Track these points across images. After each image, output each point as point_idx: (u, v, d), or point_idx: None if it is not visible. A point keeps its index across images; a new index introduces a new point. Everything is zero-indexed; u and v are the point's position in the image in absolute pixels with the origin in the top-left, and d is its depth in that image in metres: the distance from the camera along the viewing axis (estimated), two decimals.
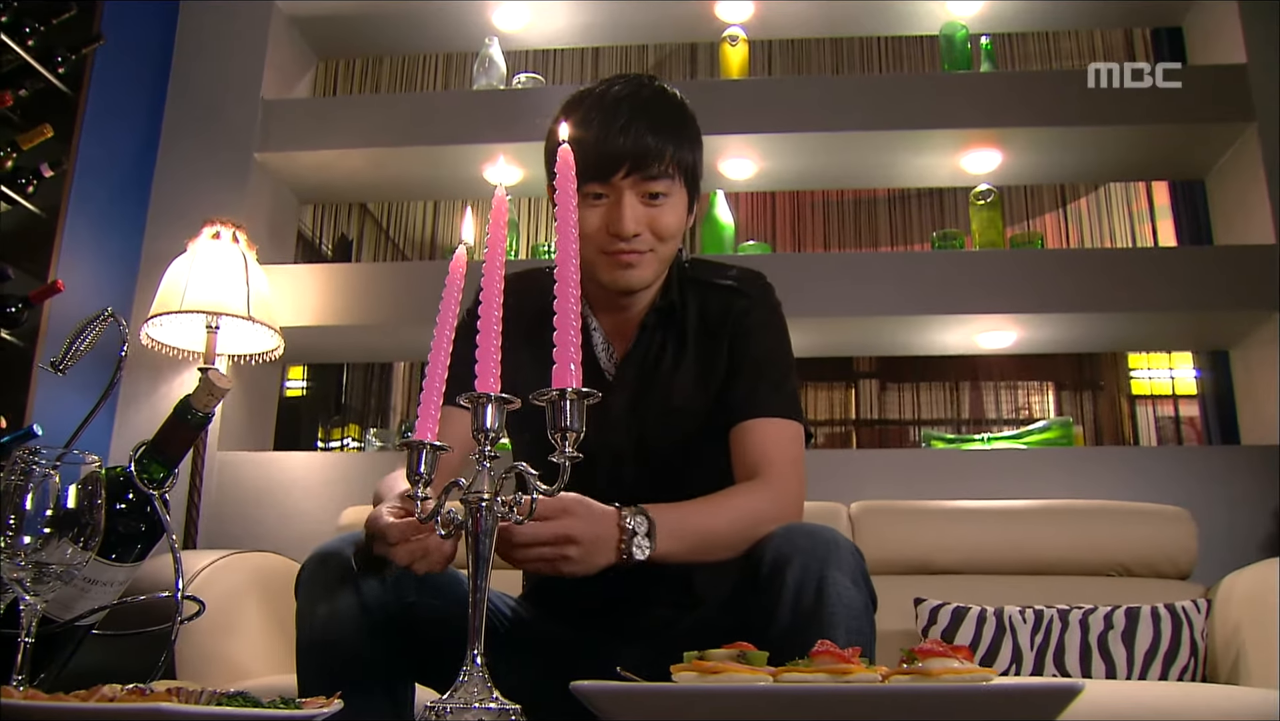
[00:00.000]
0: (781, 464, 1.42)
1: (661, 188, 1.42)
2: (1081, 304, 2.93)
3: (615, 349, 1.55)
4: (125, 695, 0.66)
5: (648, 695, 0.65)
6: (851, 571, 1.18)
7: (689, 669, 0.64)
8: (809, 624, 1.13)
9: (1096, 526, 2.44)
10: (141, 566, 1.13)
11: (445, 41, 3.68)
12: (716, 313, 1.53)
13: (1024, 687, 0.58)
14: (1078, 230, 4.75)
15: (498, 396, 0.92)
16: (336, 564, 1.23)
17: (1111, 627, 2.11)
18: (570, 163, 0.94)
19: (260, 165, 3.25)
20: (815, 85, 3.46)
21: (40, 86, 2.68)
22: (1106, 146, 3.13)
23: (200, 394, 1.08)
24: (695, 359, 1.51)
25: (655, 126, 1.42)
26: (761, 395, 1.46)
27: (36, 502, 0.81)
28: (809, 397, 6.02)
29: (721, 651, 0.70)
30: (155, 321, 2.71)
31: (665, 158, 1.41)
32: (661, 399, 1.49)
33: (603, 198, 1.43)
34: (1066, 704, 0.56)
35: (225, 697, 0.73)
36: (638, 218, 1.41)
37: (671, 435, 1.50)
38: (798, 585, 1.15)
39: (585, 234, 1.44)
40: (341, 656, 1.20)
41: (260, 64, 3.30)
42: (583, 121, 1.44)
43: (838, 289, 2.99)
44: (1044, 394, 6.04)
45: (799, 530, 1.22)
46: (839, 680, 0.60)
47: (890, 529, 2.50)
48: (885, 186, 4.07)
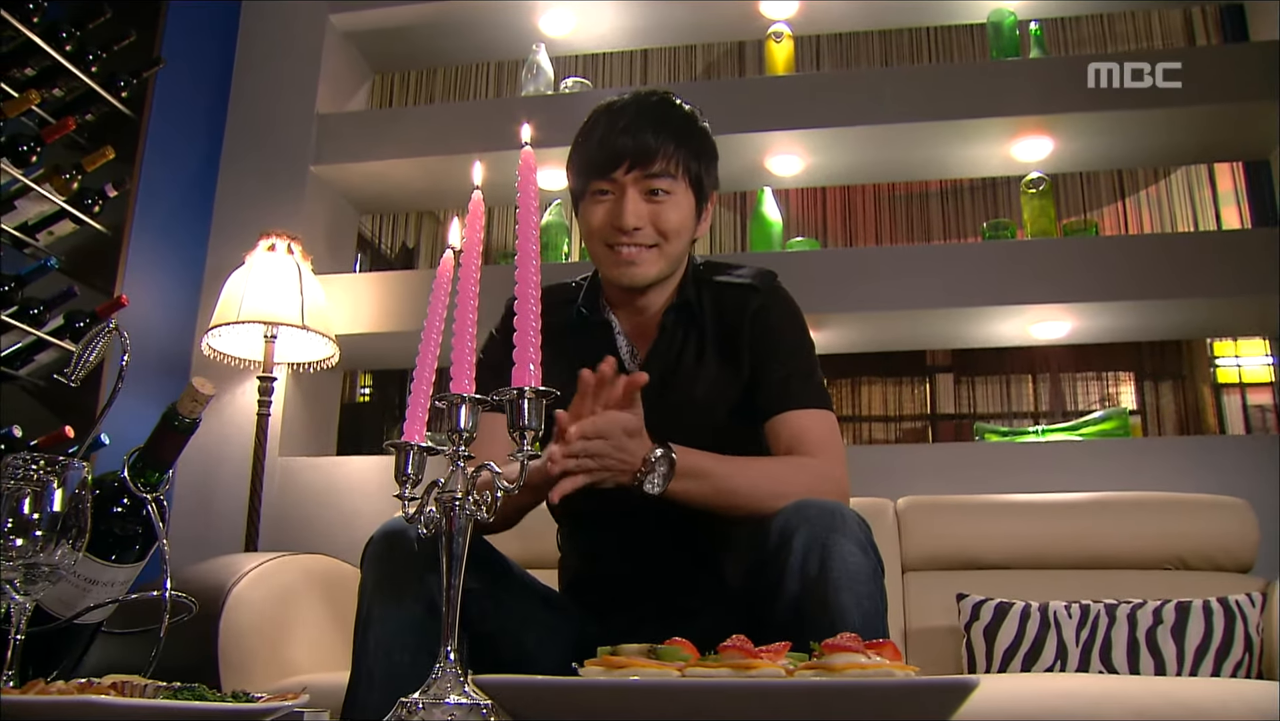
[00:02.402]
0: (817, 444, 1.46)
1: (664, 185, 1.47)
2: (1139, 291, 2.86)
3: (638, 349, 1.58)
4: (72, 689, 0.70)
5: (547, 689, 0.67)
6: (857, 538, 1.20)
7: (599, 664, 0.66)
8: (814, 590, 1.16)
9: (1151, 518, 2.38)
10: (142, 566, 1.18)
11: (495, 50, 3.74)
12: (733, 308, 1.56)
13: (914, 684, 0.58)
14: (1138, 222, 4.61)
15: (471, 397, 0.94)
16: (400, 541, 1.29)
17: (1161, 622, 2.06)
18: (531, 165, 0.97)
19: (316, 177, 3.34)
20: (860, 78, 3.43)
21: (105, 110, 2.80)
22: (1163, 129, 3.04)
23: (185, 401, 1.13)
24: (716, 355, 1.54)
25: (657, 127, 1.47)
26: (793, 388, 1.50)
27: (29, 506, 0.87)
28: (881, 394, 5.96)
29: (633, 646, 0.71)
30: (215, 332, 2.82)
31: (667, 154, 1.46)
32: (686, 395, 1.53)
33: (608, 194, 1.48)
34: (959, 700, 0.55)
35: (171, 692, 0.77)
36: (639, 212, 1.46)
37: (697, 431, 1.50)
38: (803, 553, 1.18)
39: (591, 230, 1.51)
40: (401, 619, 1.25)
41: (315, 79, 3.40)
42: (590, 126, 1.52)
43: (886, 283, 2.97)
44: (1124, 385, 5.88)
45: (808, 503, 1.24)
46: (741, 675, 0.61)
47: (938, 524, 2.47)
48: (936, 178, 4.00)
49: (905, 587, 2.41)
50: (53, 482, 0.88)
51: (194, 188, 3.30)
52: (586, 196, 1.51)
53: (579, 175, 1.53)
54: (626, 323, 1.59)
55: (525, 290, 0.92)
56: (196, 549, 2.98)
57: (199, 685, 0.78)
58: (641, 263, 1.48)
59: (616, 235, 1.47)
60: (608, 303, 1.60)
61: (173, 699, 0.73)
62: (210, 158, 3.37)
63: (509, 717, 0.69)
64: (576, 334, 1.58)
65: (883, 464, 2.86)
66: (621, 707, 0.61)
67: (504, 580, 1.43)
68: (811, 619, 1.15)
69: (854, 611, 1.15)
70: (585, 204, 1.52)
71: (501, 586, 1.42)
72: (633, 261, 1.48)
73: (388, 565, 1.29)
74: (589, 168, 1.49)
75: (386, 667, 1.26)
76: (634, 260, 1.48)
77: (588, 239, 1.54)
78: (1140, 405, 5.81)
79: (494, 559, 1.42)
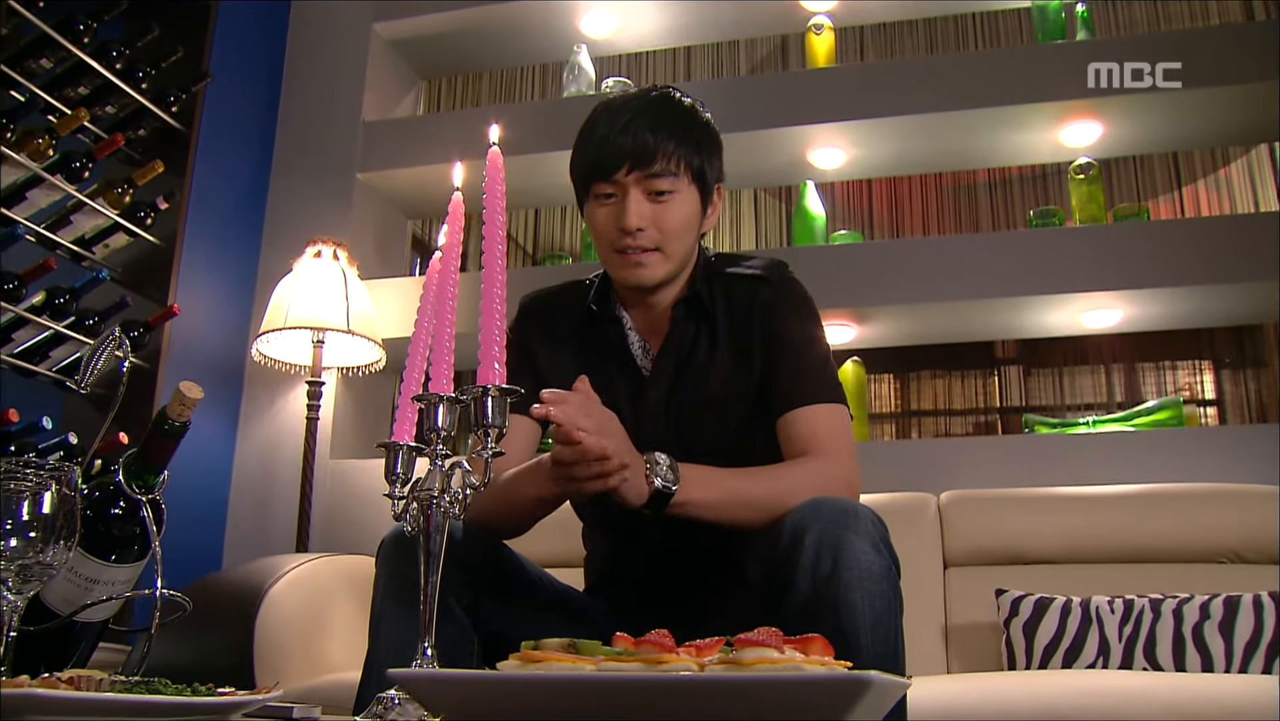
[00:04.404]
0: (828, 444, 1.44)
1: (666, 185, 1.47)
2: (1193, 276, 2.77)
3: (651, 345, 1.59)
4: (36, 683, 0.73)
5: (459, 682, 0.67)
6: (871, 537, 1.19)
7: (519, 658, 0.67)
8: (826, 589, 1.15)
9: (1202, 510, 2.30)
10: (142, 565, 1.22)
11: (538, 53, 3.77)
12: (743, 300, 1.56)
13: (801, 679, 0.57)
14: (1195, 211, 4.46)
15: (449, 397, 0.95)
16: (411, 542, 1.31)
17: (1208, 617, 1.99)
18: (498, 165, 0.97)
19: (363, 185, 3.40)
20: (901, 68, 3.38)
21: (156, 125, 2.89)
22: (1219, 107, 2.95)
23: (174, 404, 1.16)
24: (728, 348, 1.54)
25: (656, 125, 1.47)
26: (805, 383, 1.49)
27: (22, 509, 0.90)
28: (946, 388, 5.87)
29: (554, 641, 0.72)
30: (264, 338, 2.89)
31: (667, 153, 1.46)
32: (699, 390, 1.53)
33: (611, 197, 1.49)
34: (854, 697, 0.54)
35: (128, 686, 0.79)
36: (642, 213, 1.46)
37: (710, 426, 1.53)
38: (815, 552, 1.17)
39: (597, 233, 1.52)
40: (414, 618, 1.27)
41: (360, 88, 3.46)
42: (590, 126, 1.53)
43: (930, 274, 2.92)
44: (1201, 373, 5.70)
45: (821, 501, 1.23)
46: (651, 669, 0.61)
47: (980, 518, 2.42)
48: (982, 167, 3.92)
49: (947, 583, 2.37)
50: (44, 486, 0.92)
51: (245, 197, 3.38)
52: (590, 199, 1.53)
53: (581, 178, 1.54)
54: (638, 319, 1.60)
55: (490, 290, 0.93)
56: (252, 549, 3.07)
57: (158, 680, 0.81)
58: (648, 265, 1.49)
59: (622, 238, 1.48)
60: (619, 300, 1.61)
61: (126, 693, 0.76)
62: (261, 168, 3.46)
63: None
64: (589, 332, 1.60)
65: (930, 458, 2.82)
66: (526, 701, 0.61)
67: (516, 578, 1.44)
68: (822, 617, 1.14)
69: (864, 611, 1.14)
70: (590, 206, 1.53)
71: (513, 586, 1.43)
72: (639, 263, 1.49)
73: (398, 564, 1.31)
74: (590, 170, 1.50)
75: (397, 665, 1.28)
76: (640, 262, 1.49)
77: (595, 241, 1.55)
78: (1218, 394, 5.64)
79: (503, 557, 1.43)
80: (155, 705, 0.75)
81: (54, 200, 2.57)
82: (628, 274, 1.50)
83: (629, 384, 1.57)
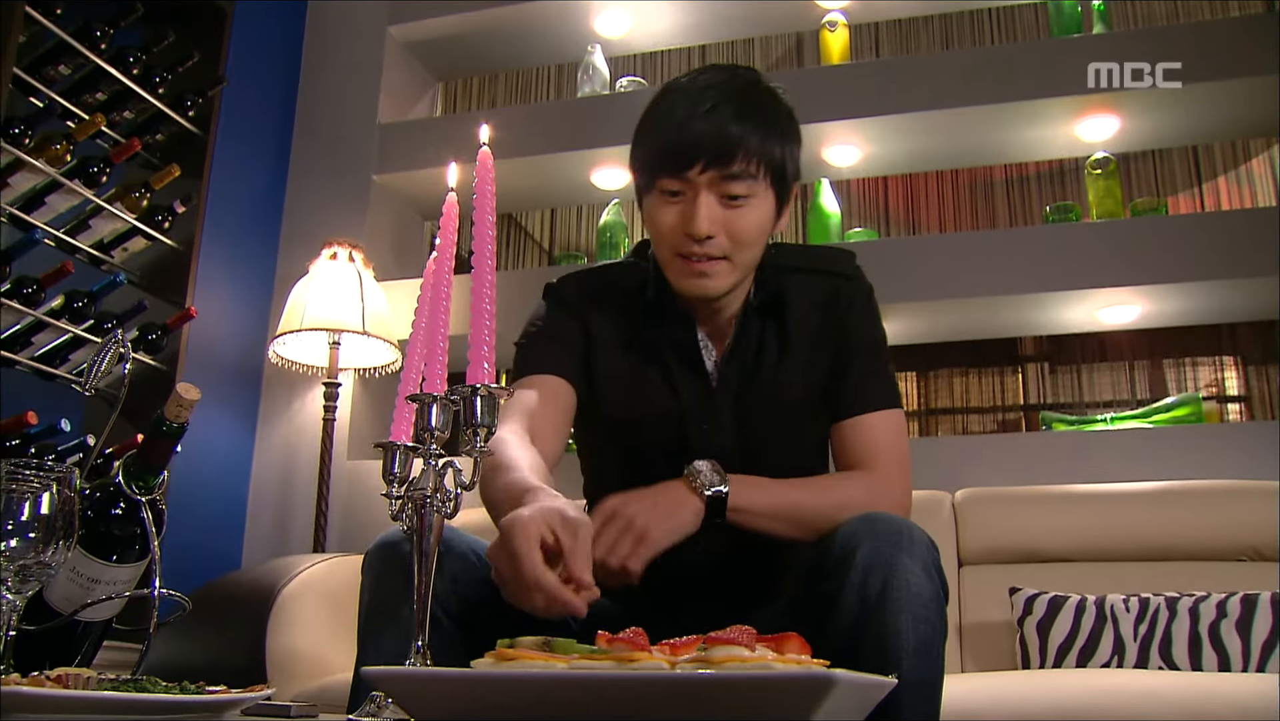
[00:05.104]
0: (886, 457, 1.39)
1: (742, 189, 1.32)
2: (1213, 271, 2.74)
3: (714, 348, 1.48)
4: (24, 681, 0.74)
5: (431, 680, 0.68)
6: (923, 559, 1.13)
7: (494, 656, 0.67)
8: (874, 610, 1.09)
9: (1220, 507, 2.28)
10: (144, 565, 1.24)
11: (553, 53, 3.78)
12: (823, 298, 1.45)
13: (768, 677, 0.56)
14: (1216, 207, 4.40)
15: (440, 396, 0.96)
16: (393, 553, 1.25)
17: (1225, 616, 1.97)
18: (489, 166, 0.97)
19: (379, 186, 3.43)
20: (916, 64, 3.36)
21: (174, 130, 2.92)
22: (1240, 99, 2.91)
23: (171, 406, 1.17)
24: (800, 351, 1.44)
25: (740, 114, 1.31)
26: (868, 389, 1.42)
27: (21, 510, 0.92)
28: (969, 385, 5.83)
29: (529, 640, 0.72)
30: (280, 340, 2.92)
31: (749, 151, 1.31)
32: (768, 396, 1.43)
33: (679, 195, 1.34)
34: (819, 695, 0.54)
35: (116, 684, 0.80)
36: (713, 218, 1.32)
37: (778, 433, 1.45)
38: (865, 570, 1.11)
39: (659, 233, 1.37)
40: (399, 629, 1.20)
41: (376, 91, 3.48)
42: (666, 108, 1.36)
43: (945, 271, 2.91)
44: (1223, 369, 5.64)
45: (875, 517, 1.17)
46: (622, 667, 0.61)
47: (995, 516, 2.41)
48: (999, 163, 3.89)
49: (961, 582, 2.36)
50: (44, 487, 0.93)
51: (262, 200, 3.41)
52: (653, 192, 1.37)
53: (647, 168, 1.37)
54: (699, 317, 1.47)
55: (480, 290, 0.93)
56: (271, 550, 3.10)
57: (147, 678, 0.82)
58: (713, 275, 1.35)
59: (688, 244, 1.33)
60: (681, 299, 1.45)
61: (113, 690, 0.77)
62: (278, 171, 3.49)
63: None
64: (651, 320, 1.46)
65: (947, 456, 2.80)
66: (497, 699, 0.62)
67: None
68: (866, 638, 1.10)
69: (909, 635, 1.09)
70: (652, 200, 1.37)
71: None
72: (704, 273, 1.35)
73: (381, 576, 1.25)
74: (660, 161, 1.34)
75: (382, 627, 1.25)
76: (705, 272, 1.34)
77: (655, 241, 1.40)
78: (1245, 390, 5.57)
79: None
80: (141, 703, 0.76)
81: (72, 205, 2.60)
82: (690, 283, 1.37)
83: (694, 388, 1.45)
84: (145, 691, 0.79)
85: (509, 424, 1.32)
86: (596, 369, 1.46)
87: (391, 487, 1.07)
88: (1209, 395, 5.47)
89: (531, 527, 0.96)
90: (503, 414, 1.32)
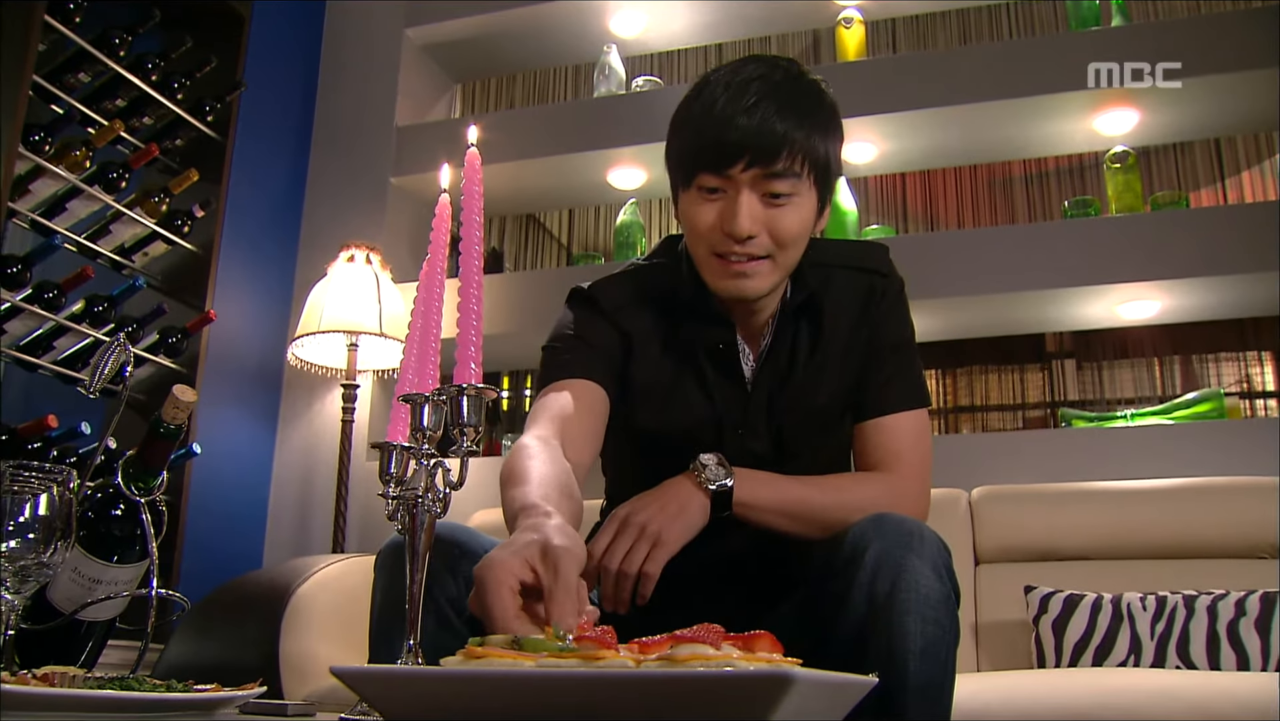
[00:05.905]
0: (905, 457, 1.37)
1: (785, 187, 1.27)
2: (1236, 265, 2.70)
3: (750, 351, 1.44)
4: (10, 680, 0.75)
5: (396, 678, 0.68)
6: (934, 561, 1.11)
7: (463, 654, 0.67)
8: (882, 610, 1.08)
9: (1241, 504, 2.25)
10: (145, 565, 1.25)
11: (570, 54, 3.79)
12: (858, 296, 1.42)
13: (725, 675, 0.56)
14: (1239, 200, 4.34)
15: (429, 396, 0.96)
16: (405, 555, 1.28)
17: (1244, 614, 1.95)
18: (476, 167, 0.97)
19: (397, 189, 3.45)
20: (931, 60, 3.35)
21: (192, 135, 2.95)
22: (1261, 91, 2.87)
23: (168, 408, 1.18)
24: (834, 351, 1.41)
25: (784, 110, 1.26)
26: (896, 388, 1.40)
27: (20, 511, 0.93)
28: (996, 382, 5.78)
29: (499, 638, 0.72)
30: (299, 342, 2.94)
31: (793, 149, 1.26)
32: (802, 398, 1.41)
33: (718, 192, 1.30)
34: (777, 694, 0.53)
35: (106, 682, 0.81)
36: (755, 216, 1.27)
37: (812, 434, 1.43)
38: (874, 571, 1.09)
39: (696, 232, 1.33)
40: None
41: (393, 93, 3.51)
42: (706, 102, 1.31)
43: (963, 267, 2.89)
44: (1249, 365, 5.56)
45: (886, 517, 1.15)
46: (589, 665, 0.61)
47: (1012, 514, 2.39)
48: (1017, 158, 3.85)
49: (977, 580, 2.35)
50: (44, 488, 0.95)
51: (281, 204, 3.44)
52: (690, 188, 1.32)
53: (685, 164, 1.33)
54: (739, 323, 1.44)
55: (468, 290, 0.94)
56: (293, 550, 3.12)
57: (132, 676, 0.83)
58: (753, 275, 1.31)
59: (728, 244, 1.29)
60: (715, 297, 1.40)
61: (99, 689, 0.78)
62: (296, 174, 3.52)
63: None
64: (689, 322, 1.42)
65: (965, 454, 2.78)
66: (460, 697, 0.62)
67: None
68: (873, 638, 1.08)
69: (916, 637, 1.06)
70: (689, 197, 1.33)
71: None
72: (744, 274, 1.30)
73: (394, 576, 1.25)
74: (700, 157, 1.30)
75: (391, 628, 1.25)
76: (745, 272, 1.30)
77: (691, 239, 1.36)
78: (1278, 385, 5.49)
79: None
80: (130, 701, 0.77)
81: (93, 210, 2.63)
82: (728, 284, 1.32)
83: (730, 394, 1.42)
84: (131, 690, 0.80)
85: (536, 428, 1.29)
86: (632, 374, 1.43)
87: (388, 488, 1.07)
88: (1236, 391, 5.41)
89: (502, 574, 0.90)
90: (531, 417, 1.34)
